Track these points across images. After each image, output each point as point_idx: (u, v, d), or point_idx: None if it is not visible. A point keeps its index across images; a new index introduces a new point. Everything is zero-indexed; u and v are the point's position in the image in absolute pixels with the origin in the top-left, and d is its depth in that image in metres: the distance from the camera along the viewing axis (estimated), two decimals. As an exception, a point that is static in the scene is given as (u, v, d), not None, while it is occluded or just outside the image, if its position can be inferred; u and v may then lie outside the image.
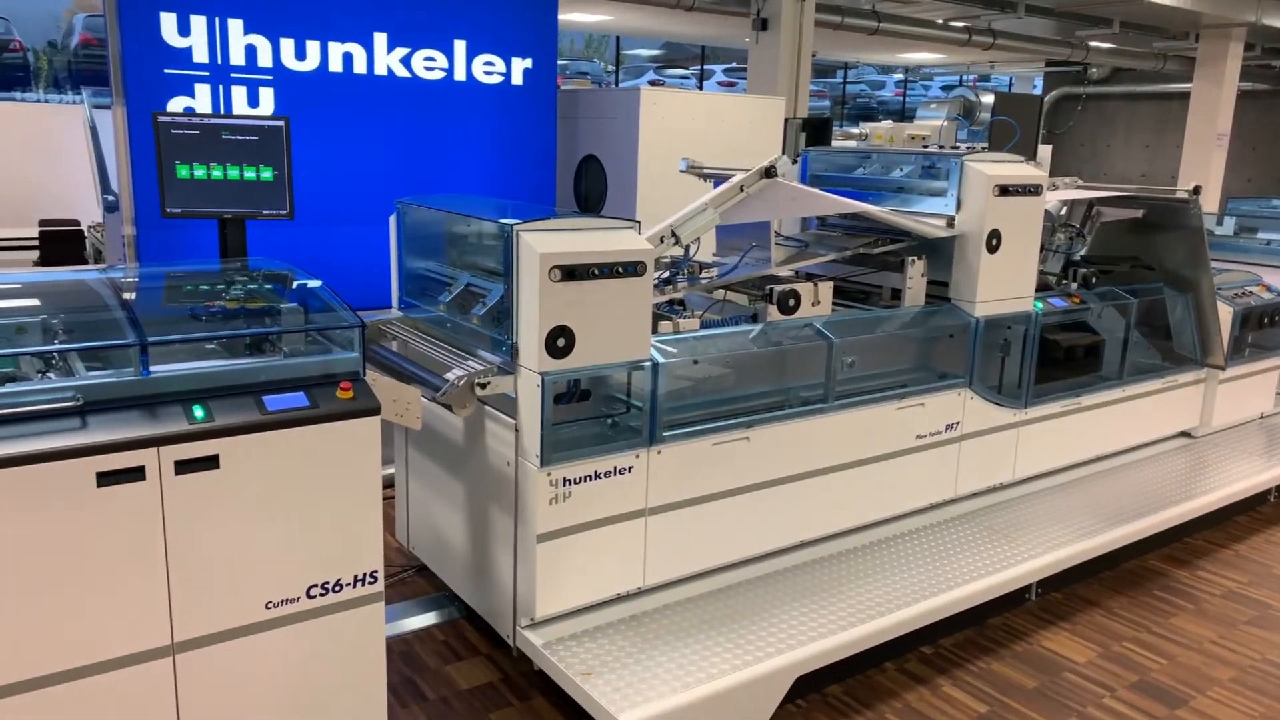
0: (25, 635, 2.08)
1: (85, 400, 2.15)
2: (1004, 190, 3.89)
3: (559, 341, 2.86)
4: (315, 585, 2.44)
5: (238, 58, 4.53)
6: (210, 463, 2.23)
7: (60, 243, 8.43)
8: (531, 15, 5.39)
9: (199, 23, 4.40)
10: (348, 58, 4.82)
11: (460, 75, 5.19)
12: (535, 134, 5.53)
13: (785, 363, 3.62)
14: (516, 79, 5.38)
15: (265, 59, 4.60)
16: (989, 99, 13.69)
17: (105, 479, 2.10)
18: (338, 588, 2.47)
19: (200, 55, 4.43)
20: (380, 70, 4.93)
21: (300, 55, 4.69)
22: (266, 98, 4.64)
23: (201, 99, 4.47)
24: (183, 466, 2.20)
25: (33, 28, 15.59)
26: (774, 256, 3.83)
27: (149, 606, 2.22)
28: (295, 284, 2.93)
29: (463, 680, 3.18)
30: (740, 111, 6.28)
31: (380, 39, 4.90)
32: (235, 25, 4.49)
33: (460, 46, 5.16)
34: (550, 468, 2.92)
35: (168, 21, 4.33)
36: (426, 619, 3.52)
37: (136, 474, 2.14)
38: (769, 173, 3.47)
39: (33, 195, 10.11)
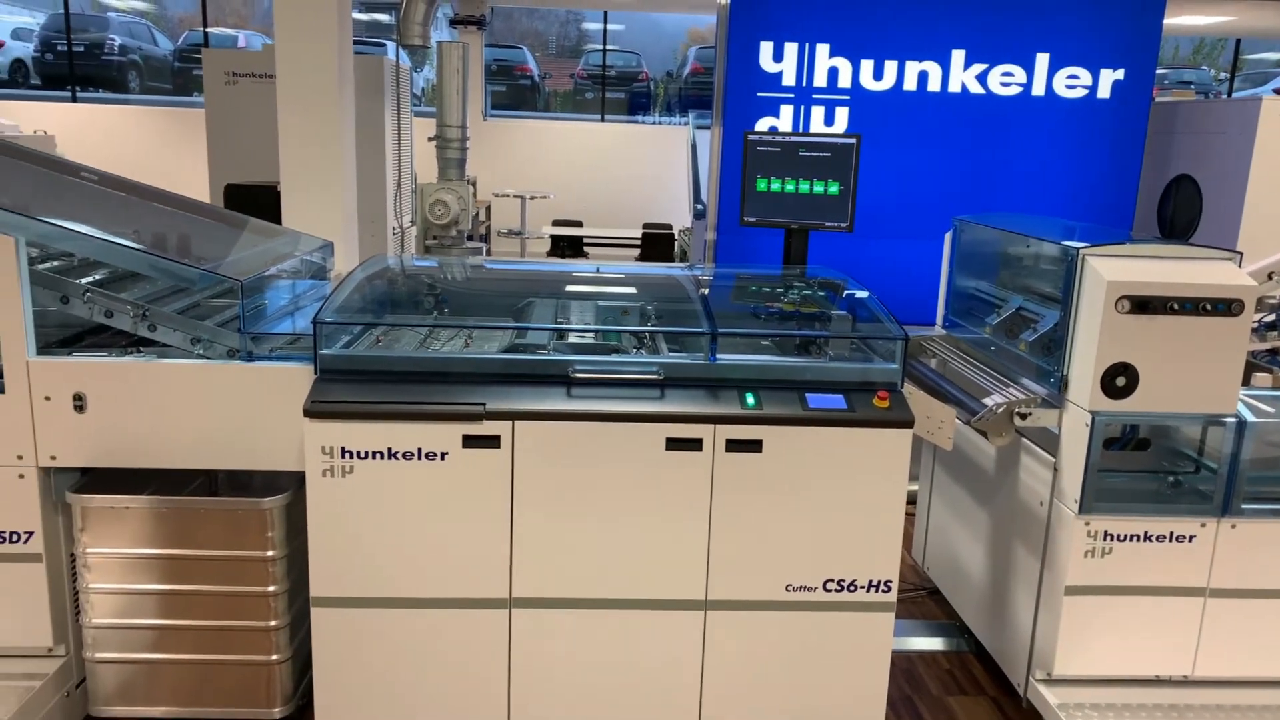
0: (585, 563, 2.51)
1: (665, 376, 2.52)
2: None
3: (1118, 380, 2.59)
4: (831, 580, 2.55)
5: (820, 80, 4.87)
6: (755, 446, 2.46)
7: (656, 243, 10.00)
8: (1130, 22, 4.90)
9: (791, 49, 4.83)
10: (923, 76, 4.89)
11: (1038, 90, 4.93)
12: (1117, 151, 5.02)
13: None
14: (1103, 92, 4.94)
15: (845, 80, 4.88)
16: None
17: (673, 444, 2.45)
18: (852, 588, 2.55)
19: (788, 79, 4.86)
20: (954, 87, 4.90)
21: (878, 75, 4.88)
22: (841, 116, 4.91)
23: (784, 119, 4.90)
24: (732, 445, 2.46)
25: (655, 61, 18.63)
26: None
27: (691, 563, 2.53)
28: (846, 293, 3.09)
29: (964, 715, 3.06)
30: None
31: (958, 56, 4.87)
32: (822, 50, 4.84)
33: (1042, 60, 4.90)
34: (1090, 517, 2.66)
35: (765, 50, 4.82)
36: (933, 643, 3.45)
37: (696, 445, 2.45)
38: None
39: (640, 202, 12.15)
